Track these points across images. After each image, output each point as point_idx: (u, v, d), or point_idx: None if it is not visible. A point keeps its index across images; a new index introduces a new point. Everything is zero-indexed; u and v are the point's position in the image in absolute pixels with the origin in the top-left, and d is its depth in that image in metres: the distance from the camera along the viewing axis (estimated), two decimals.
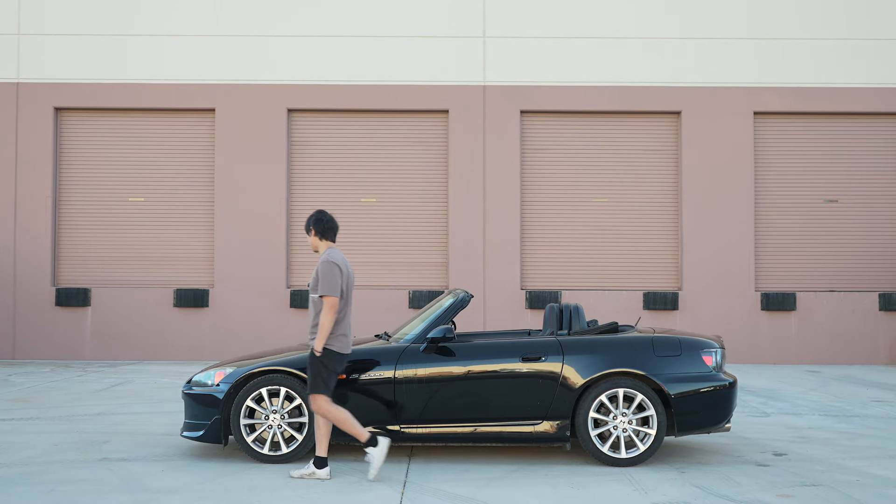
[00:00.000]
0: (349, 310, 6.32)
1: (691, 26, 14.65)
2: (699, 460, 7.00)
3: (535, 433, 6.75)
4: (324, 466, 6.28)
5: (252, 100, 14.51)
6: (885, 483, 6.30)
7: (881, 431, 8.30)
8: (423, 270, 14.61)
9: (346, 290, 6.27)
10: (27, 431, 8.01)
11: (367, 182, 14.68)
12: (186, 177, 14.70)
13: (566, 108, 14.60)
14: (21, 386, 11.16)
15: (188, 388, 7.03)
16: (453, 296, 7.28)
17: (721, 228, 14.43)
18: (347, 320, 6.30)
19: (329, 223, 6.50)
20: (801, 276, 14.61)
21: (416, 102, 14.57)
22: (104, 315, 14.34)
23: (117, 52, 14.58)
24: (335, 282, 6.15)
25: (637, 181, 14.71)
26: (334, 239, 6.54)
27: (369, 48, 14.62)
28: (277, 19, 14.63)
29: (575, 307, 7.34)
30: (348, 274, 6.34)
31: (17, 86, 14.54)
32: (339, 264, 6.26)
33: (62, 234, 14.65)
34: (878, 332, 14.36)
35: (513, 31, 14.63)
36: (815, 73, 14.57)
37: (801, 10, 14.67)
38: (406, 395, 6.75)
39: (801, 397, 10.53)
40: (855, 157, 14.73)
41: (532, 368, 6.78)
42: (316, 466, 6.27)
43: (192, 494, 5.86)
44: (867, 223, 14.67)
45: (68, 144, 14.74)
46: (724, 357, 7.05)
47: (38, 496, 5.80)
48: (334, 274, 6.18)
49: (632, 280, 14.60)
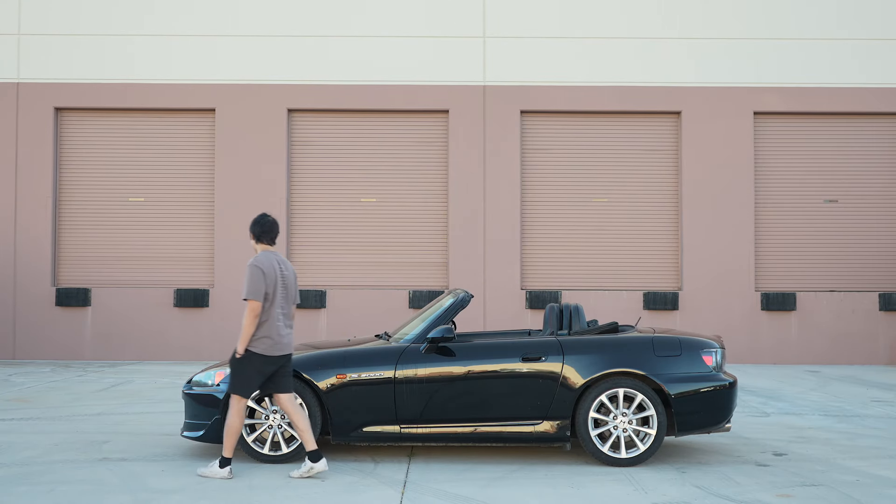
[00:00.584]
0: (279, 312, 6.29)
1: (691, 27, 14.65)
2: (699, 460, 7.00)
3: (536, 433, 6.75)
4: (319, 459, 6.27)
5: (252, 100, 14.51)
6: (885, 483, 6.30)
7: (881, 431, 8.31)
8: (423, 270, 14.61)
9: (272, 294, 6.26)
10: (27, 431, 8.01)
11: (367, 182, 14.68)
12: (186, 177, 14.70)
13: (566, 108, 14.61)
14: (21, 386, 11.16)
15: (188, 388, 7.03)
16: (453, 296, 7.28)
17: (721, 228, 14.43)
18: (275, 323, 6.26)
19: (265, 226, 6.46)
20: (801, 276, 14.61)
21: (416, 102, 14.57)
22: (104, 315, 14.34)
23: (118, 52, 14.58)
24: (256, 286, 6.18)
25: (637, 181, 14.71)
26: (271, 242, 6.48)
27: (369, 48, 14.62)
28: (277, 19, 14.63)
29: (575, 307, 7.34)
30: (278, 277, 6.30)
31: (17, 86, 14.54)
32: (264, 268, 6.25)
33: (62, 234, 14.65)
34: (878, 332, 14.36)
35: (513, 31, 14.63)
36: (815, 73, 14.57)
37: (801, 11, 14.67)
38: (406, 395, 6.75)
39: (801, 397, 10.53)
40: (855, 157, 14.73)
41: (532, 368, 6.78)
42: (312, 461, 6.27)
43: (193, 494, 5.86)
44: (867, 223, 14.67)
45: (68, 144, 14.74)
46: (724, 357, 7.05)
47: (39, 496, 5.80)
48: (256, 277, 6.20)
49: (632, 280, 14.60)
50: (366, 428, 6.77)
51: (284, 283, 6.37)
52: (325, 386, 6.74)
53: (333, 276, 14.54)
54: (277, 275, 6.31)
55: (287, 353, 6.38)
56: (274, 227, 6.50)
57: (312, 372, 6.78)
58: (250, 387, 6.28)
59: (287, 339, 6.37)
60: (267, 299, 6.25)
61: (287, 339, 6.37)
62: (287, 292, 6.40)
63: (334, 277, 14.53)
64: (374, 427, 6.77)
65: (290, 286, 6.43)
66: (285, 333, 6.35)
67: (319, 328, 14.23)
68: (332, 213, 14.66)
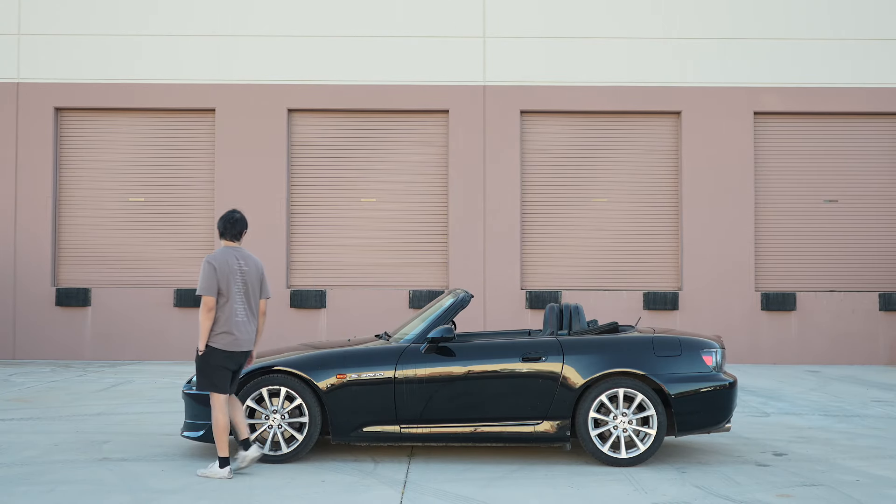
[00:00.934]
0: (237, 308, 6.32)
1: (691, 27, 14.65)
2: (699, 460, 7.00)
3: (536, 433, 6.75)
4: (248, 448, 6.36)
5: (252, 100, 14.51)
6: (885, 483, 6.31)
7: (881, 431, 8.31)
8: (423, 270, 14.61)
9: (227, 289, 6.29)
10: (27, 431, 8.01)
11: (367, 182, 14.68)
12: (186, 177, 14.70)
13: (566, 108, 14.61)
14: (21, 386, 11.16)
15: (188, 388, 7.02)
16: (453, 296, 7.28)
17: (721, 228, 14.43)
18: (233, 318, 6.30)
19: (227, 222, 6.52)
20: (801, 276, 14.61)
21: (416, 102, 14.57)
22: (104, 315, 14.34)
23: (118, 52, 14.58)
24: (208, 282, 6.24)
25: (637, 181, 14.71)
26: (233, 238, 6.52)
27: (369, 48, 14.62)
28: (277, 20, 14.63)
29: (575, 307, 7.34)
30: (235, 272, 6.33)
31: (17, 86, 14.54)
32: (217, 264, 6.29)
33: (62, 234, 14.65)
34: (878, 332, 14.36)
35: (513, 31, 14.63)
36: (816, 73, 14.57)
37: (801, 11, 14.67)
38: (406, 395, 6.75)
39: (801, 397, 10.53)
40: (855, 157, 14.73)
41: (532, 368, 6.78)
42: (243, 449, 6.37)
43: (193, 494, 5.86)
44: (867, 223, 14.67)
45: (68, 144, 14.74)
46: (724, 357, 7.05)
47: (39, 496, 5.80)
48: (207, 273, 6.27)
49: (632, 280, 14.60)
50: (366, 428, 6.77)
51: (244, 278, 6.39)
52: (325, 386, 6.74)
53: (333, 276, 14.54)
54: (234, 270, 6.34)
55: (244, 349, 6.41)
56: (237, 223, 6.53)
57: (312, 372, 6.78)
58: (219, 382, 6.31)
59: (247, 335, 6.41)
60: (222, 295, 6.28)
61: (247, 335, 6.41)
62: (248, 287, 6.41)
63: (334, 277, 14.53)
64: (374, 427, 6.77)
65: (250, 281, 6.43)
66: (245, 329, 6.39)
67: (319, 328, 14.24)
68: (332, 213, 14.66)
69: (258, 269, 6.53)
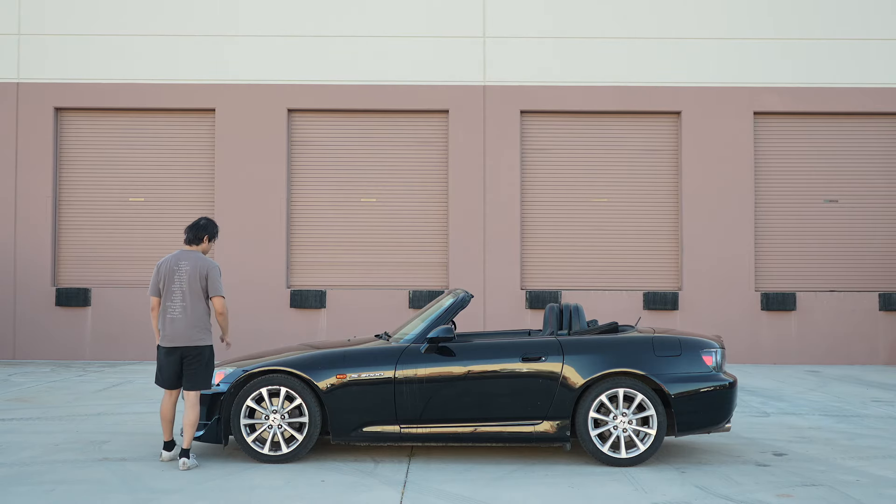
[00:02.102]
0: (169, 305, 6.62)
1: (691, 27, 14.65)
2: (699, 460, 7.00)
3: (536, 433, 6.75)
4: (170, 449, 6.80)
5: (252, 100, 14.51)
6: (885, 483, 6.30)
7: (881, 431, 8.31)
8: (423, 270, 14.61)
9: (165, 289, 6.66)
10: (27, 431, 8.01)
11: (367, 182, 14.68)
12: (186, 177, 14.70)
13: (566, 108, 14.61)
14: (21, 386, 11.16)
15: None
16: (453, 296, 7.28)
17: (721, 228, 14.43)
18: (166, 315, 6.64)
19: (188, 227, 6.86)
20: (801, 276, 14.61)
21: (416, 102, 14.57)
22: (104, 315, 14.34)
23: (118, 52, 14.58)
24: (151, 283, 6.72)
25: (637, 181, 14.72)
26: (189, 241, 6.84)
27: (369, 48, 14.62)
28: (277, 20, 14.63)
29: (575, 307, 7.34)
30: (170, 272, 6.65)
31: (17, 86, 14.54)
32: (159, 265, 6.72)
33: (62, 234, 14.65)
34: (877, 332, 14.36)
35: (513, 31, 14.63)
36: (815, 73, 14.57)
37: (801, 11, 14.67)
38: (406, 395, 6.75)
39: (801, 397, 10.53)
40: (855, 157, 14.73)
41: (532, 368, 6.78)
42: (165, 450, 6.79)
43: (192, 494, 5.86)
44: (867, 223, 14.67)
45: (68, 144, 14.74)
46: (724, 357, 7.05)
47: (39, 496, 5.80)
48: (153, 276, 6.73)
49: (632, 280, 14.61)
50: (366, 428, 6.77)
51: (179, 276, 6.64)
52: (325, 386, 6.74)
53: (333, 276, 14.54)
54: (174, 270, 6.65)
55: (177, 345, 6.61)
56: (196, 228, 6.84)
57: (312, 372, 6.78)
58: (160, 376, 6.73)
59: (174, 332, 6.62)
60: (160, 294, 6.68)
61: (174, 332, 6.62)
62: (182, 285, 6.63)
63: (334, 277, 14.53)
64: (374, 427, 6.77)
65: (186, 279, 6.63)
66: (178, 326, 6.61)
67: (319, 328, 14.24)
68: (332, 213, 14.66)
69: (200, 269, 6.69)
